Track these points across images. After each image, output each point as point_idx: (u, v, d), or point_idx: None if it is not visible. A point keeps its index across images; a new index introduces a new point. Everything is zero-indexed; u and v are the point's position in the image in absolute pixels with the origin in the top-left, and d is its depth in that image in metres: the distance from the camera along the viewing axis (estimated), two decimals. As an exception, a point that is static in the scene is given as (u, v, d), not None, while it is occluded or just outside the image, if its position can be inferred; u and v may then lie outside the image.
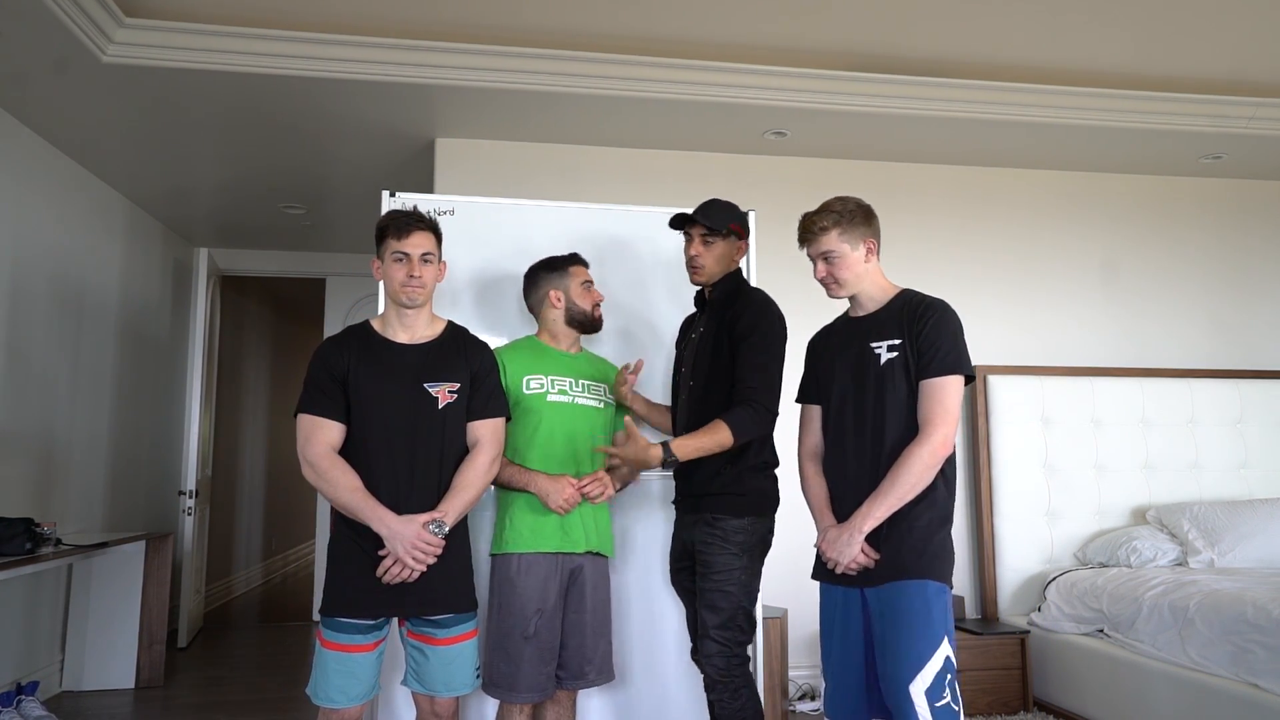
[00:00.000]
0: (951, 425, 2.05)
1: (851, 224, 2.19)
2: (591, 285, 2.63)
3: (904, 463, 2.05)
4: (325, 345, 2.33)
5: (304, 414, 2.26)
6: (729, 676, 2.33)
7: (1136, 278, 4.74)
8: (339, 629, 2.20)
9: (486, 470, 2.32)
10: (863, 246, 2.20)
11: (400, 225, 2.30)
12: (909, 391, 2.10)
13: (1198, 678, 3.07)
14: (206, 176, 4.76)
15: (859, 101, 3.93)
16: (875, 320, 2.20)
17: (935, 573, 2.04)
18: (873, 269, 2.22)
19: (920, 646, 1.98)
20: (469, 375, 2.35)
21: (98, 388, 4.76)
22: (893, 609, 2.03)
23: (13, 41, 3.23)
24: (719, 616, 2.34)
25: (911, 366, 2.10)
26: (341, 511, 2.23)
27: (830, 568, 2.15)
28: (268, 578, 8.03)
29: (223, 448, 6.62)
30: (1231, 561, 3.86)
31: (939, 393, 2.06)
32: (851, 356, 2.20)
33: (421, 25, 3.45)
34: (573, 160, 4.32)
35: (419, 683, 2.28)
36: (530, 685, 2.37)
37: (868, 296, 2.22)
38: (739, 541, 2.36)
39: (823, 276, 2.21)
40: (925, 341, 2.08)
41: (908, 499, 2.05)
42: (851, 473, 2.16)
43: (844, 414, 2.20)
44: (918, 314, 2.12)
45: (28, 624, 4.10)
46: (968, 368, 2.10)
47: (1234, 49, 3.72)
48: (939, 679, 1.97)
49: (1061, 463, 4.30)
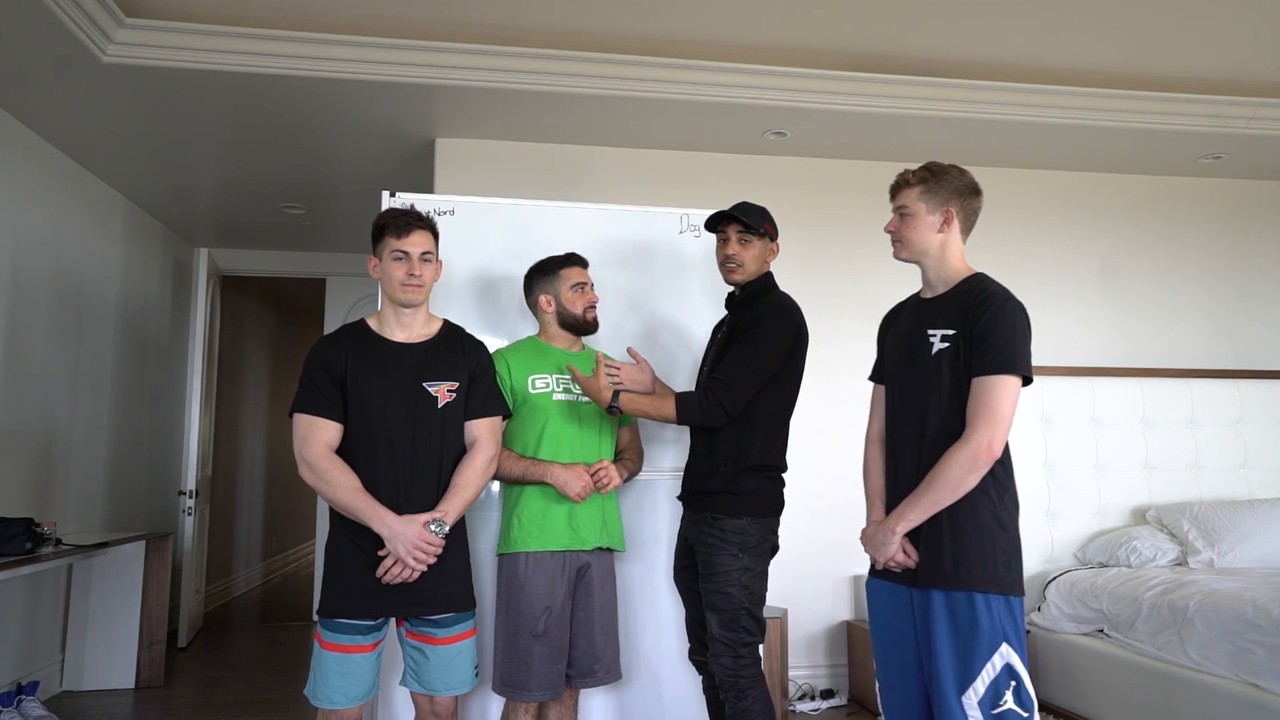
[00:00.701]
0: (999, 429, 1.89)
1: (938, 185, 2.05)
2: (585, 287, 2.60)
3: (943, 464, 1.93)
4: (322, 344, 2.31)
5: (301, 414, 2.24)
6: (736, 677, 2.32)
7: (1136, 278, 4.74)
8: (339, 630, 2.19)
9: (485, 469, 2.33)
10: (940, 214, 2.06)
11: (400, 224, 2.30)
12: (956, 387, 1.96)
13: (1197, 678, 3.07)
14: (206, 176, 4.76)
15: (859, 101, 3.93)
16: (938, 304, 2.06)
17: (983, 583, 1.90)
18: (948, 243, 2.07)
19: (970, 658, 1.88)
20: (467, 374, 2.35)
21: (98, 388, 4.76)
22: (941, 618, 1.93)
23: (13, 41, 3.23)
24: (720, 617, 2.34)
25: (963, 360, 1.96)
26: (341, 512, 2.22)
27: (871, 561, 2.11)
28: (268, 578, 8.03)
29: (223, 448, 6.62)
30: (1231, 561, 3.86)
31: (988, 392, 1.90)
32: (908, 340, 2.09)
33: (421, 25, 3.45)
34: (573, 160, 4.32)
35: (418, 683, 2.28)
36: (541, 684, 2.37)
37: (936, 275, 2.09)
38: (738, 542, 2.35)
39: (891, 229, 2.11)
40: (980, 335, 1.93)
41: (944, 503, 1.93)
42: (899, 463, 2.07)
43: (895, 400, 2.12)
44: (976, 303, 1.96)
45: (28, 624, 4.10)
46: (1023, 368, 1.92)
47: (1234, 49, 3.72)
48: (995, 687, 1.86)
49: (1061, 462, 4.30)
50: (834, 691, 4.09)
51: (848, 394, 4.09)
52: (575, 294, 2.58)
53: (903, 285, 2.36)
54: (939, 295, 2.08)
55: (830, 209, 4.46)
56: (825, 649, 4.20)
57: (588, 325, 2.61)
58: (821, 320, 2.54)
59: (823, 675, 4.17)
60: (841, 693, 4.12)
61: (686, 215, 3.08)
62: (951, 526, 1.95)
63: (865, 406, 4.17)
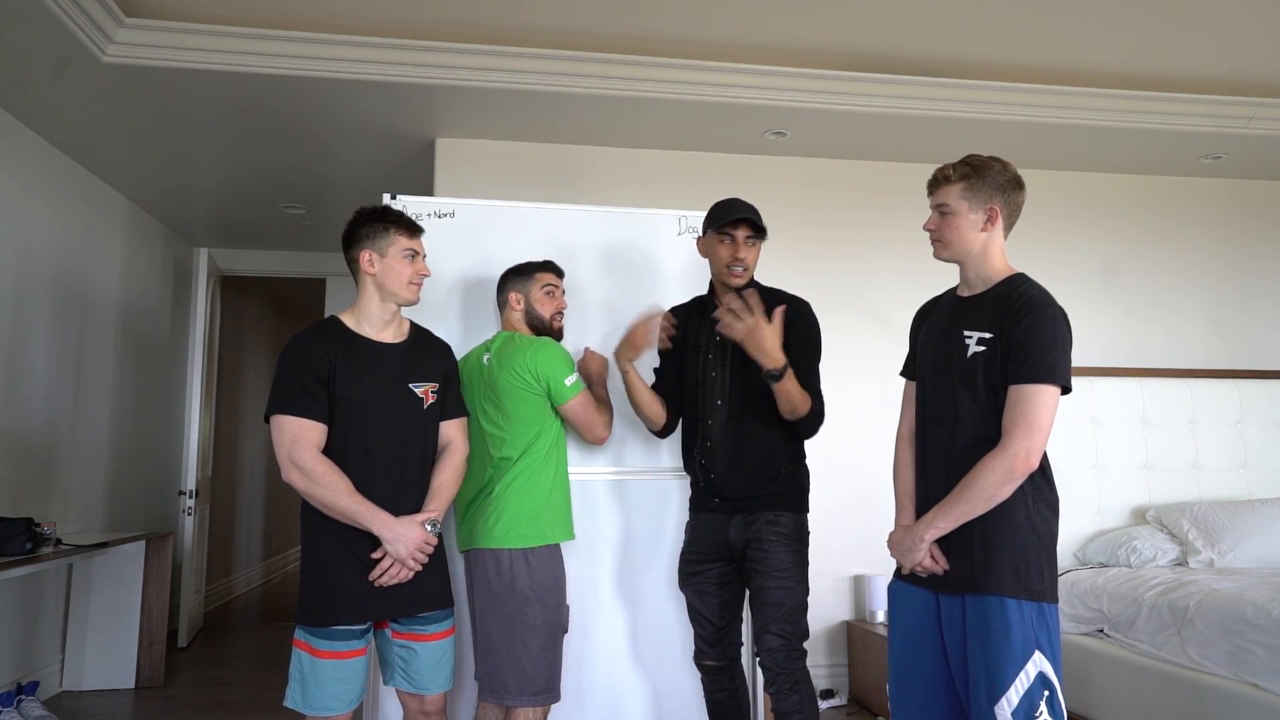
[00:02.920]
0: (1036, 439, 1.83)
1: (981, 182, 1.96)
2: (555, 291, 2.60)
3: (976, 473, 1.86)
4: (303, 342, 2.21)
5: (286, 415, 2.15)
6: (793, 671, 2.34)
7: (1136, 278, 4.74)
8: (334, 637, 2.15)
9: (462, 469, 2.37)
10: (983, 212, 1.97)
11: (410, 223, 2.30)
12: (991, 393, 1.90)
13: (1197, 678, 3.07)
14: (206, 176, 4.76)
15: (859, 101, 3.93)
16: (975, 305, 1.99)
17: (1017, 589, 1.85)
18: (990, 242, 1.99)
19: (1002, 666, 1.82)
20: (442, 375, 2.36)
21: (98, 388, 4.76)
22: (972, 624, 1.88)
23: (13, 41, 3.23)
24: (782, 611, 2.35)
25: (999, 365, 1.89)
26: (334, 516, 2.15)
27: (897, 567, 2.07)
28: (268, 578, 8.03)
29: (223, 448, 6.62)
30: (1231, 561, 3.86)
31: (1025, 402, 1.84)
32: (943, 339, 2.02)
33: (421, 25, 3.44)
34: (573, 160, 4.32)
35: (408, 682, 2.26)
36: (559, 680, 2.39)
37: (976, 274, 2.01)
38: (800, 538, 2.42)
39: (930, 229, 2.02)
40: (1019, 341, 1.86)
41: (977, 513, 1.88)
42: (930, 465, 2.02)
43: (926, 400, 2.05)
44: (1015, 307, 1.89)
45: (28, 624, 4.10)
46: (1062, 378, 1.85)
47: (1234, 49, 3.72)
48: (1029, 697, 1.81)
49: (1061, 462, 4.26)
50: (834, 691, 4.09)
51: (847, 394, 4.10)
52: (545, 297, 2.58)
53: (903, 285, 2.37)
54: (977, 294, 2.01)
55: (830, 209, 4.46)
56: (825, 649, 4.20)
57: (552, 331, 2.58)
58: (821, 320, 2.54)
59: (823, 675, 4.17)
60: (841, 693, 4.11)
61: (684, 217, 3.08)
62: (983, 530, 1.90)
63: (865, 407, 4.22)
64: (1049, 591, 1.88)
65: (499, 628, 2.36)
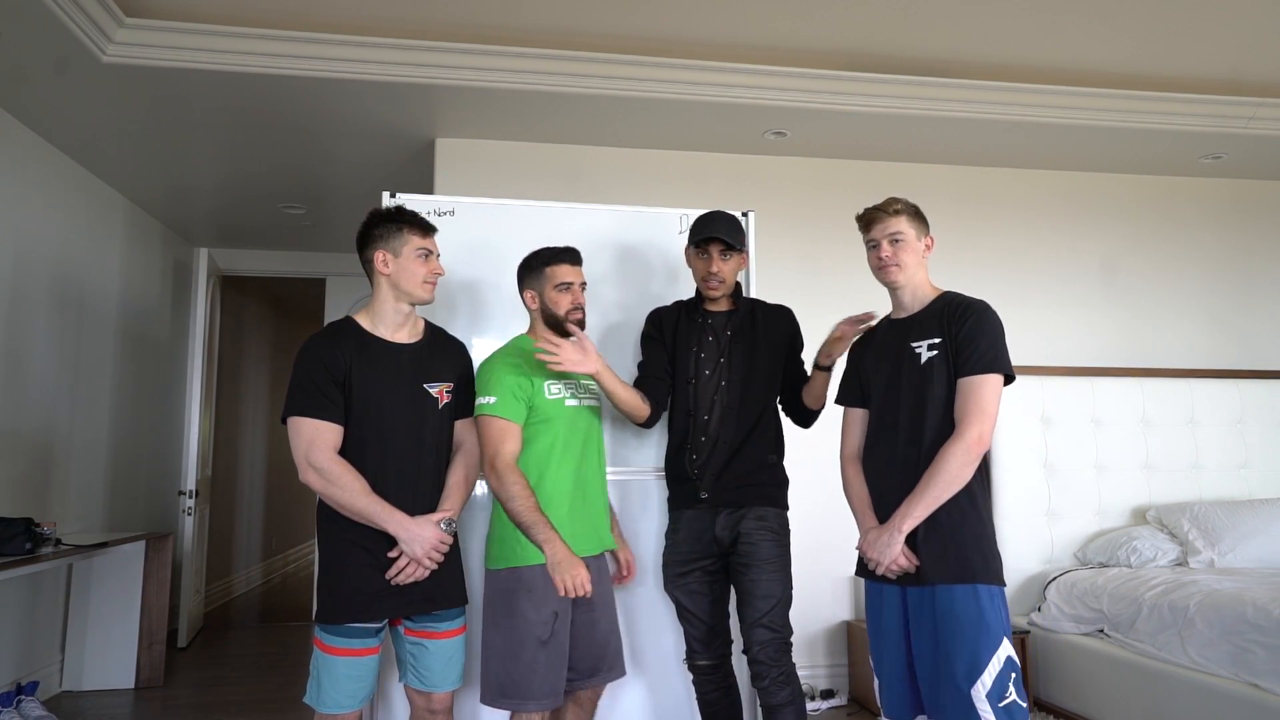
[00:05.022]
0: (987, 423, 2.07)
1: (917, 218, 2.28)
2: (570, 287, 2.44)
3: (940, 461, 2.07)
4: (319, 344, 2.22)
5: (303, 417, 2.16)
6: (780, 663, 2.38)
7: (1136, 278, 4.74)
8: (350, 634, 2.17)
9: (476, 468, 2.38)
10: (923, 241, 2.28)
11: (424, 223, 2.31)
12: (949, 391, 2.13)
13: (1198, 678, 3.07)
14: (206, 176, 4.76)
15: (859, 101, 3.93)
16: (916, 321, 2.24)
17: (985, 575, 2.05)
18: (924, 267, 2.28)
19: (977, 650, 1.99)
20: (456, 375, 2.37)
21: (98, 388, 4.76)
22: (944, 613, 2.04)
23: (13, 41, 3.23)
24: (772, 604, 2.39)
25: (950, 364, 2.13)
26: (351, 516, 2.16)
27: (871, 569, 2.18)
28: (268, 578, 8.03)
29: (223, 448, 6.63)
30: (1231, 561, 3.86)
31: (975, 391, 2.09)
32: (892, 357, 2.24)
33: (422, 25, 3.45)
34: (573, 160, 4.32)
35: (419, 679, 2.29)
36: (543, 692, 2.31)
37: (912, 295, 2.27)
38: (784, 533, 2.48)
39: (886, 256, 2.23)
40: (964, 340, 2.12)
41: (945, 497, 2.07)
42: (893, 473, 2.18)
43: (884, 414, 2.23)
44: (958, 313, 2.16)
45: (28, 624, 4.10)
46: (1007, 367, 2.12)
47: (1234, 49, 3.72)
48: (1000, 680, 1.98)
49: (1061, 462, 4.30)
50: (834, 691, 4.09)
51: (848, 394, 4.09)
52: (560, 294, 2.43)
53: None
54: (915, 314, 2.26)
55: (830, 209, 4.46)
56: (825, 649, 4.20)
57: (566, 330, 2.43)
58: (820, 320, 2.55)
59: (823, 675, 4.17)
60: (841, 693, 4.11)
61: (685, 215, 3.08)
62: (949, 523, 2.08)
63: (865, 406, 4.21)
64: (1001, 576, 2.10)
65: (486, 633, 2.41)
